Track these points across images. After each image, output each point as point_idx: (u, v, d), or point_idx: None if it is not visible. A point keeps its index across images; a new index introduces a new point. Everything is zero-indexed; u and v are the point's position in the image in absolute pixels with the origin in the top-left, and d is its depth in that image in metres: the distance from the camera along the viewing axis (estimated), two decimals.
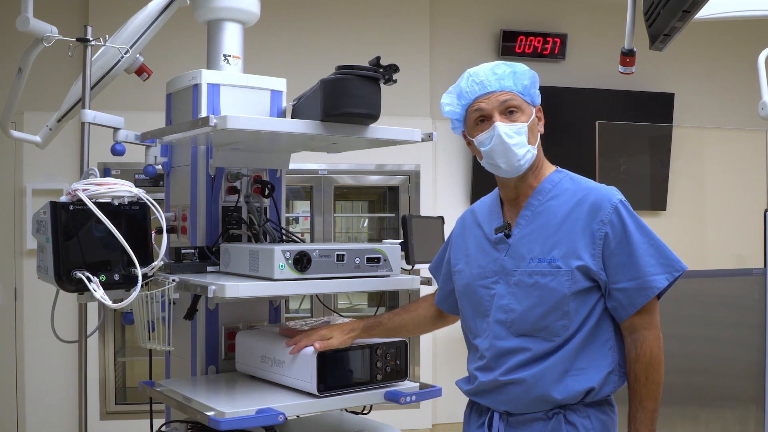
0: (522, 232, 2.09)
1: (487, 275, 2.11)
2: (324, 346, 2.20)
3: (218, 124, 2.06)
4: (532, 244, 2.06)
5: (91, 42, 2.50)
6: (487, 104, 2.06)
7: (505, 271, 2.08)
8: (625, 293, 1.99)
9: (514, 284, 2.05)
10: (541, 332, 2.01)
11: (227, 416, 2.01)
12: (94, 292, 2.09)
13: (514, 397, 2.03)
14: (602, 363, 2.01)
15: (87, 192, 2.17)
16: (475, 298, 2.14)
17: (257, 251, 2.20)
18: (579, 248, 2.00)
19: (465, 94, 2.10)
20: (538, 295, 2.01)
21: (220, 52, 2.64)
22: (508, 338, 2.04)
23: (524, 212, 2.11)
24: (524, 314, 2.02)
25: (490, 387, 2.07)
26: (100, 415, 5.41)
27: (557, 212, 2.06)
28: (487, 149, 2.05)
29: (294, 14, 5.82)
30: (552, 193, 2.10)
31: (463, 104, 2.11)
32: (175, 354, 2.66)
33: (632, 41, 2.74)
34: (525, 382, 2.00)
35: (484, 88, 2.07)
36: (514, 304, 2.04)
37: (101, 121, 2.50)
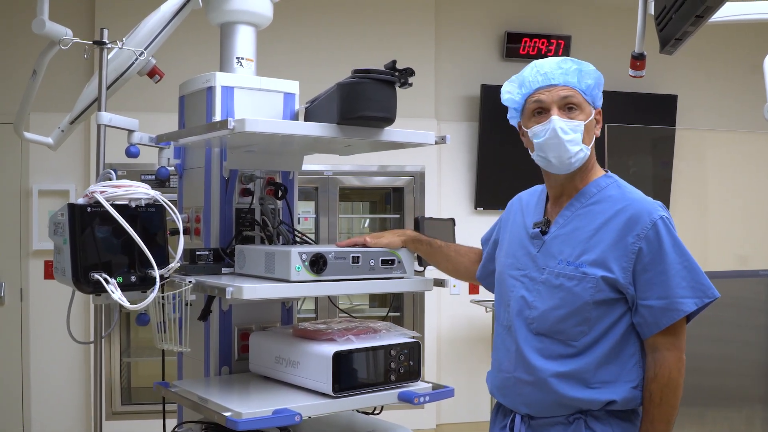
0: (558, 231, 2.09)
1: (519, 267, 2.13)
2: (374, 243, 2.29)
3: (236, 127, 2.08)
4: (564, 245, 2.05)
5: (107, 45, 2.51)
6: (547, 96, 2.04)
7: (535, 267, 2.09)
8: (651, 311, 1.96)
9: (541, 282, 2.06)
10: (559, 334, 2.01)
11: (244, 416, 2.02)
12: (112, 294, 2.10)
13: (534, 400, 2.03)
14: (627, 378, 1.98)
15: (105, 194, 2.18)
16: (503, 287, 2.16)
17: (273, 253, 2.21)
18: (609, 259, 1.97)
19: (527, 83, 2.08)
20: (561, 297, 2.01)
21: (234, 55, 2.65)
22: (527, 335, 2.05)
23: (564, 212, 2.10)
24: (545, 314, 2.03)
25: (510, 383, 2.08)
26: (106, 415, 5.42)
27: (596, 218, 2.04)
28: (541, 142, 2.04)
29: (301, 17, 5.83)
30: (596, 197, 2.08)
31: (523, 93, 2.10)
32: (187, 355, 2.67)
33: (643, 45, 2.76)
34: (543, 384, 2.00)
35: (548, 80, 2.05)
36: (537, 301, 2.05)
37: (117, 124, 2.52)
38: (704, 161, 6.54)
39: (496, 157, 5.96)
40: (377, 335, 2.34)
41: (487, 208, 6.03)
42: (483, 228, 2.52)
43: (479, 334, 6.05)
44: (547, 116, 2.04)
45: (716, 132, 6.50)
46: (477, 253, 2.49)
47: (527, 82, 2.08)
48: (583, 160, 2.06)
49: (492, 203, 6.04)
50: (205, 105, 2.53)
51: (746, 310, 3.80)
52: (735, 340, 3.80)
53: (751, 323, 3.73)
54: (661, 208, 2.03)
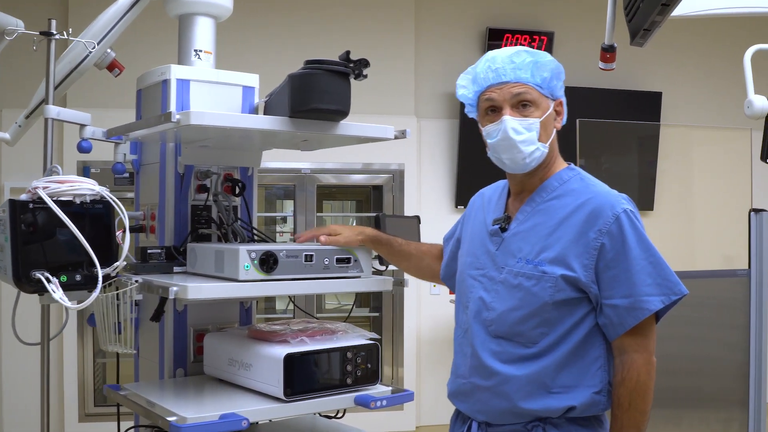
0: (517, 228, 1.99)
1: (478, 266, 2.04)
2: (330, 241, 2.18)
3: (181, 120, 2.00)
4: (524, 243, 1.95)
5: (54, 36, 2.43)
6: (498, 95, 1.94)
7: (494, 266, 2.00)
8: (616, 311, 1.86)
9: (500, 282, 1.97)
10: (518, 337, 1.91)
11: (189, 422, 1.94)
12: (53, 293, 2.02)
13: (491, 407, 1.94)
14: (590, 382, 1.88)
15: (47, 190, 2.11)
16: (463, 287, 2.08)
17: (222, 251, 2.14)
18: (570, 256, 1.88)
19: (479, 79, 1.99)
20: (520, 297, 1.91)
21: (191, 48, 2.58)
22: (485, 338, 1.96)
23: (525, 207, 2.01)
24: (503, 315, 1.93)
25: (467, 389, 2.00)
26: (79, 417, 5.35)
27: (556, 213, 1.94)
28: (493, 142, 1.96)
29: (274, 11, 5.76)
30: (558, 191, 1.98)
31: (476, 90, 2.01)
32: (143, 357, 2.60)
33: (613, 37, 2.68)
34: (499, 391, 1.91)
35: (499, 77, 1.95)
36: (495, 302, 1.96)
37: (66, 117, 2.43)
38: (689, 158, 6.48)
39: (477, 154, 5.81)
40: (334, 337, 2.26)
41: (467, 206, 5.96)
42: None
43: None
44: (499, 115, 1.95)
45: (700, 128, 6.44)
46: (440, 249, 2.40)
47: (479, 78, 1.98)
48: (541, 158, 1.96)
49: None
50: (160, 99, 2.46)
51: (726, 309, 3.73)
52: (714, 340, 3.74)
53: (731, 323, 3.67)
54: (625, 201, 1.93)
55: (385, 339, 5.92)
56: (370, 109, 5.65)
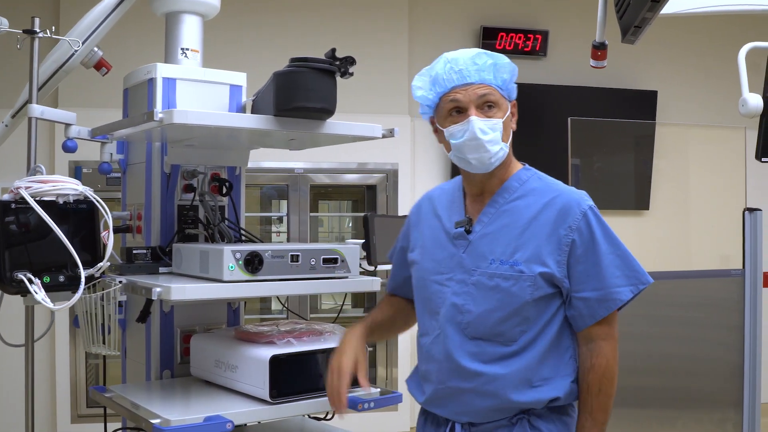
0: (484, 230, 1.98)
1: (443, 271, 2.00)
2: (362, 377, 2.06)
3: (164, 119, 1.98)
4: (494, 244, 1.96)
5: (38, 34, 2.40)
6: (464, 96, 1.93)
7: (462, 269, 1.97)
8: (587, 303, 1.92)
9: (472, 284, 1.95)
10: (498, 337, 1.92)
11: (173, 424, 1.93)
12: (35, 294, 2.00)
13: (475, 407, 1.93)
14: (565, 371, 1.94)
15: (30, 190, 2.09)
16: (427, 294, 2.04)
17: (207, 251, 2.11)
18: (544, 254, 1.91)
19: (441, 81, 1.96)
20: (498, 298, 1.91)
21: (178, 46, 2.55)
22: (461, 341, 1.94)
23: (488, 209, 2.00)
24: (481, 317, 1.92)
25: (445, 394, 1.97)
26: (71, 418, 5.31)
27: (523, 213, 1.96)
28: (459, 143, 1.94)
29: (266, 9, 5.73)
30: (519, 191, 2.00)
31: (438, 91, 1.97)
32: (130, 358, 2.58)
33: (603, 34, 2.66)
34: (484, 390, 1.91)
35: (463, 79, 1.94)
36: (470, 305, 1.94)
37: (50, 117, 2.41)
38: (685, 157, 6.46)
39: None
40: (321, 338, 2.24)
41: None
42: None
43: None
44: (464, 116, 1.94)
45: (695, 127, 6.42)
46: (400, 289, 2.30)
47: (441, 79, 1.96)
48: (503, 158, 1.98)
49: None
50: (146, 97, 2.43)
51: (720, 309, 3.71)
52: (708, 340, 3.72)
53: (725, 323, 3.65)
54: (587, 197, 1.99)
55: None
56: (363, 108, 5.63)
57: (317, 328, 2.29)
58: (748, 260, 3.38)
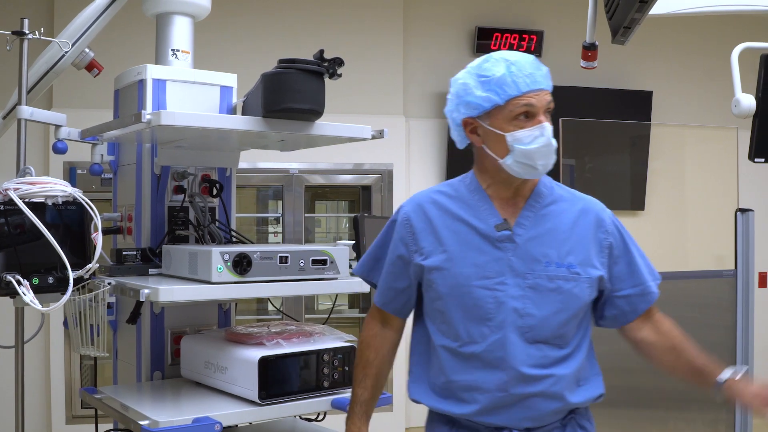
0: (528, 233, 1.97)
1: (489, 275, 1.95)
2: None
3: (152, 120, 1.98)
4: (545, 247, 1.96)
5: (27, 36, 2.40)
6: (537, 101, 1.90)
7: (514, 272, 1.94)
8: (628, 300, 2.01)
9: (529, 287, 1.93)
10: (557, 339, 1.94)
11: (161, 425, 1.93)
12: (24, 296, 2.00)
13: (541, 411, 1.93)
14: (597, 370, 2.03)
15: (18, 191, 2.09)
16: (471, 300, 1.95)
17: (196, 253, 2.11)
18: (592, 257, 1.97)
19: (511, 84, 1.90)
20: (561, 300, 1.93)
21: (169, 47, 2.56)
22: (523, 345, 1.92)
23: (525, 213, 1.99)
24: (545, 320, 1.92)
25: (507, 402, 1.92)
26: (66, 419, 5.31)
27: (562, 218, 1.99)
28: (529, 149, 1.89)
29: (259, 9, 5.73)
30: (550, 197, 2.02)
31: (508, 94, 1.90)
32: (121, 359, 2.58)
33: (594, 35, 2.67)
34: (551, 393, 1.92)
35: (535, 84, 1.90)
36: (531, 308, 1.92)
37: (39, 118, 2.41)
38: (680, 157, 6.46)
39: (466, 154, 5.82)
40: (310, 339, 2.24)
41: None
42: None
43: None
44: (533, 122, 1.91)
45: (690, 127, 6.42)
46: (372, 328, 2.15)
47: (512, 82, 1.90)
48: None
49: None
50: (137, 99, 2.43)
51: (712, 310, 3.71)
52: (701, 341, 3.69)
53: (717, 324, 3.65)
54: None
55: None
56: (358, 109, 5.63)
57: (307, 329, 2.29)
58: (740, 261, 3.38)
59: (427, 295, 2.04)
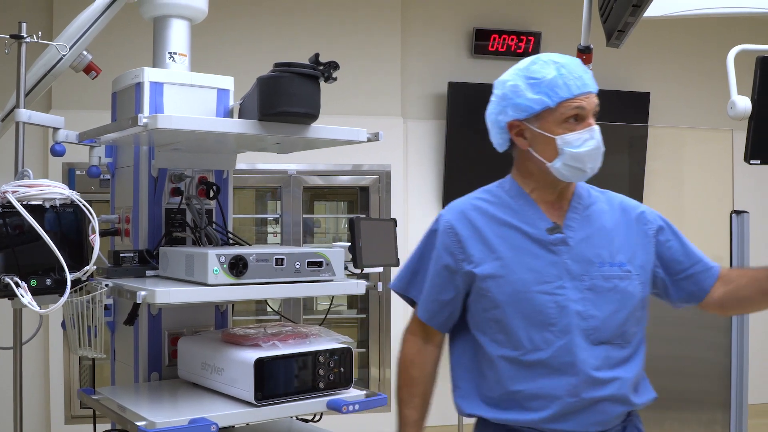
0: (578, 235, 1.98)
1: (548, 279, 1.93)
2: None
3: (149, 124, 1.99)
4: (597, 248, 1.97)
5: (25, 39, 2.42)
6: (587, 104, 1.92)
7: (570, 275, 1.94)
8: (692, 280, 2.05)
9: (588, 289, 1.93)
10: (618, 338, 1.94)
11: (158, 426, 1.94)
12: (21, 298, 2.01)
13: (609, 414, 1.92)
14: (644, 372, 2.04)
15: (16, 194, 2.10)
16: (532, 307, 1.92)
17: (192, 255, 2.13)
18: (640, 253, 2.01)
19: (563, 86, 1.90)
20: (618, 299, 1.94)
21: (166, 50, 2.57)
22: (589, 348, 1.91)
23: (571, 215, 2.01)
24: (607, 320, 1.93)
25: (579, 407, 1.90)
26: (65, 419, 5.33)
27: (604, 218, 2.02)
28: (580, 152, 1.91)
29: (256, 12, 5.74)
30: (588, 198, 2.05)
31: (560, 96, 1.90)
32: (119, 360, 2.60)
33: (588, 38, 2.69)
34: (619, 396, 1.92)
35: (585, 87, 1.93)
36: (592, 309, 1.92)
37: (37, 121, 2.43)
38: (677, 159, 6.47)
39: (464, 155, 5.86)
40: (306, 341, 2.26)
41: None
42: None
43: None
44: (583, 125, 1.92)
45: (687, 129, 6.43)
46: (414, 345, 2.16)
47: (564, 85, 1.90)
48: None
49: None
50: (134, 101, 2.45)
51: None
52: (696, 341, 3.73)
53: (714, 324, 3.65)
54: None
55: (372, 340, 5.90)
56: (356, 110, 5.65)
57: (303, 330, 2.31)
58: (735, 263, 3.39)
59: (479, 304, 2.00)
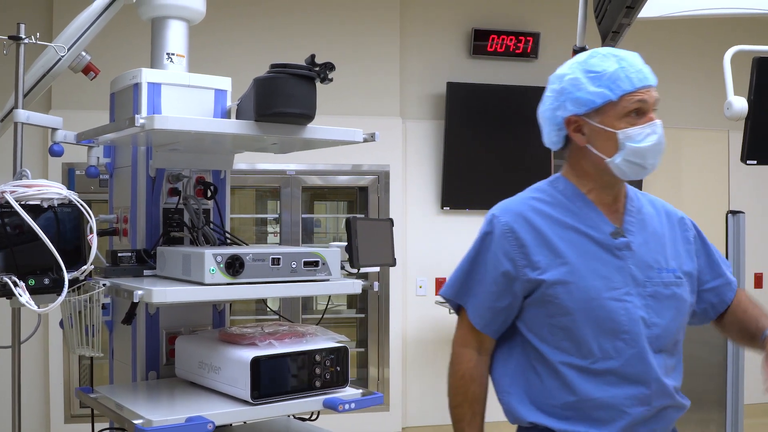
0: (637, 239, 1.93)
1: (616, 285, 1.87)
2: None
3: (146, 125, 2.01)
4: (654, 253, 1.93)
5: (23, 40, 2.43)
6: (649, 98, 1.86)
7: (634, 281, 1.89)
8: (715, 292, 2.03)
9: (649, 296, 1.89)
10: (672, 346, 1.92)
11: (155, 424, 1.96)
12: (20, 297, 2.03)
13: (673, 421, 1.93)
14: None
15: (15, 194, 2.12)
16: (604, 314, 1.85)
17: (189, 255, 2.14)
18: (686, 259, 1.98)
19: (625, 80, 1.85)
20: (675, 306, 1.91)
21: (164, 51, 2.58)
22: (654, 356, 1.88)
23: (628, 218, 1.95)
24: (668, 328, 1.90)
25: (650, 415, 1.88)
26: (65, 418, 5.34)
27: (655, 222, 1.99)
28: (642, 147, 1.86)
29: (255, 12, 5.76)
30: (638, 201, 2.01)
31: (622, 89, 1.85)
32: (117, 359, 2.61)
33: (584, 39, 2.71)
34: (680, 402, 1.93)
35: (647, 80, 1.87)
36: (654, 317, 1.88)
37: (35, 122, 2.44)
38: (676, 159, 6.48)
39: (463, 155, 5.88)
40: (302, 340, 2.27)
41: (453, 208, 5.93)
42: (450, 227, 2.41)
43: (446, 335, 5.97)
44: (644, 118, 1.87)
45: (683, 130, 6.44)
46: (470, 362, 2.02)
47: (626, 78, 1.85)
48: None
49: (458, 202, 5.94)
50: (132, 102, 2.46)
51: None
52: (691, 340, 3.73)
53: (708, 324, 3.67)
54: None
55: (371, 340, 5.92)
56: (354, 110, 5.66)
57: (300, 330, 2.32)
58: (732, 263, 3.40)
59: (542, 310, 1.91)
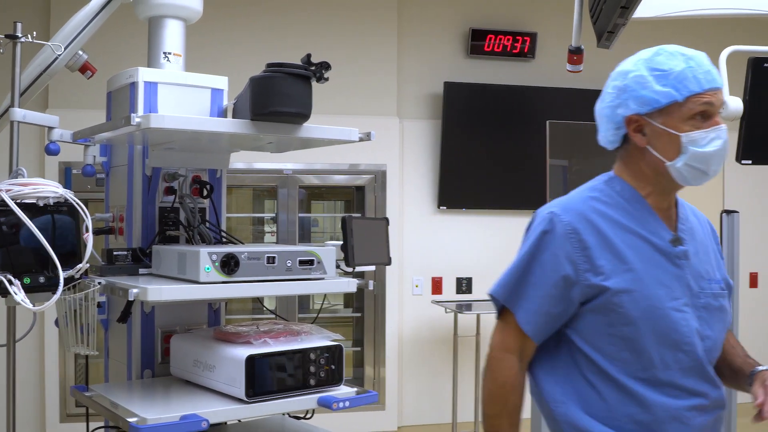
0: (691, 248, 1.86)
1: (677, 296, 1.80)
2: None
3: (141, 123, 2.01)
4: (704, 262, 1.87)
5: (20, 39, 2.44)
6: (716, 100, 1.76)
7: (690, 292, 1.82)
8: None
9: (702, 307, 1.83)
10: (715, 360, 1.88)
11: (149, 422, 1.96)
12: (15, 295, 2.04)
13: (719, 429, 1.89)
14: None
15: (10, 193, 2.12)
16: (667, 324, 1.78)
17: (185, 253, 2.15)
18: (723, 268, 1.95)
19: (693, 80, 1.76)
20: (722, 318, 1.86)
21: (161, 50, 2.58)
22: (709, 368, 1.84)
23: (681, 226, 1.89)
24: (717, 341, 1.86)
25: (706, 427, 1.84)
26: (60, 417, 5.34)
27: (699, 230, 1.94)
28: (707, 151, 1.77)
29: (253, 12, 5.76)
30: (684, 209, 1.95)
31: (690, 90, 1.76)
32: (112, 358, 2.61)
33: (579, 39, 2.71)
34: (721, 415, 1.89)
35: (714, 82, 1.77)
36: (707, 329, 1.82)
37: (32, 120, 2.44)
38: None
39: (460, 155, 5.88)
40: (297, 338, 2.27)
41: (450, 207, 5.94)
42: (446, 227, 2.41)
43: (442, 335, 5.99)
44: (710, 122, 1.78)
45: None
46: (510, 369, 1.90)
47: (694, 78, 1.77)
48: None
49: (455, 202, 5.95)
50: (128, 101, 2.47)
51: None
52: None
53: None
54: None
55: (367, 339, 5.93)
56: (351, 109, 5.67)
57: (295, 328, 2.33)
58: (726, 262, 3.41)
59: (602, 318, 1.81)
